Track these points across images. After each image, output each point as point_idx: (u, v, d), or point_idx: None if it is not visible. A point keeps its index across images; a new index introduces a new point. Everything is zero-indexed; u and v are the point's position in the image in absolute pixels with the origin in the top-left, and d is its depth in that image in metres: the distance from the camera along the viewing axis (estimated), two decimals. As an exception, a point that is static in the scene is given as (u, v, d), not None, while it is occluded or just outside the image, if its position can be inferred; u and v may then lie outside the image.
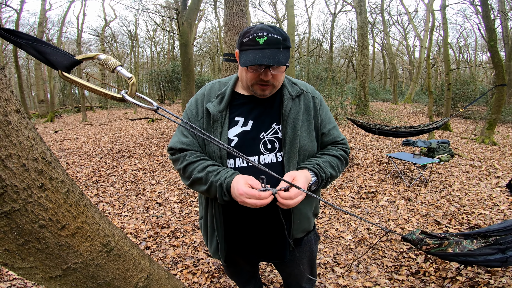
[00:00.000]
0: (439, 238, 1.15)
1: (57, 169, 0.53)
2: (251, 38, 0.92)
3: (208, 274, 2.26)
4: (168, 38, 27.57)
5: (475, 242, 1.28)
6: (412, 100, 17.77)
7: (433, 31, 10.58)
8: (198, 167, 1.01)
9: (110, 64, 0.58)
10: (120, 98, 0.55)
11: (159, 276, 0.77)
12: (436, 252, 1.15)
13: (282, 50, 0.93)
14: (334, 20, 21.25)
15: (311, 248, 1.29)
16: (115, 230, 0.64)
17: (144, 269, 0.70)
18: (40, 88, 15.66)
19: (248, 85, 1.02)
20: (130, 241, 0.69)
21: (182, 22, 8.44)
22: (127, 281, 0.64)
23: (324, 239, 2.73)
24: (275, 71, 0.97)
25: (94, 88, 0.54)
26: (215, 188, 0.96)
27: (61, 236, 0.51)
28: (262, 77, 0.96)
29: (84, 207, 0.55)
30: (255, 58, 0.90)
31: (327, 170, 1.06)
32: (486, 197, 3.70)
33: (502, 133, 8.80)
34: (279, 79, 1.01)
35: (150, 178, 4.57)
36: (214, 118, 1.04)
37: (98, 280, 0.58)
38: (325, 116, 1.17)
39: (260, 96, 1.04)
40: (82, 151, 6.58)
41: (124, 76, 0.58)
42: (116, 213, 3.38)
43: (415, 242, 1.12)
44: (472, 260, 1.23)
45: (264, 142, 1.05)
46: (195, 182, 1.02)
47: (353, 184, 4.21)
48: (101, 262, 0.57)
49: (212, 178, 0.97)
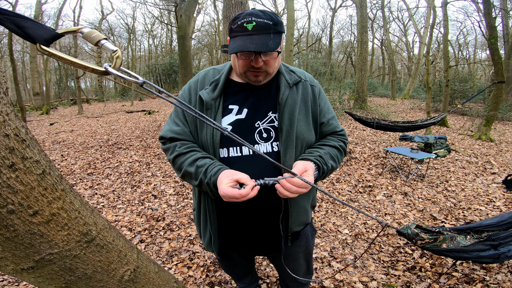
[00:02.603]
0: (434, 233, 1.12)
1: (32, 148, 0.48)
2: (240, 24, 0.87)
3: (203, 267, 2.23)
4: (166, 31, 27.23)
5: (468, 237, 1.25)
6: (410, 96, 17.80)
7: (433, 28, 10.53)
8: (187, 159, 0.97)
9: (94, 38, 0.52)
10: (102, 71, 0.50)
11: (147, 269, 0.73)
12: (431, 247, 1.12)
13: (272, 35, 0.88)
14: (334, 15, 21.06)
15: (307, 242, 1.26)
16: (98, 218, 0.59)
17: (131, 262, 0.65)
18: (35, 81, 15.44)
19: (240, 72, 0.97)
20: (115, 231, 0.64)
21: (180, 14, 8.32)
22: (111, 274, 0.59)
23: (321, 233, 2.71)
24: (266, 57, 0.92)
25: (73, 61, 0.49)
26: (205, 187, 0.93)
27: (33, 224, 0.46)
28: (253, 64, 0.91)
29: (62, 192, 0.50)
30: (242, 45, 0.86)
31: (328, 162, 1.02)
32: (482, 193, 3.70)
33: (498, 130, 8.82)
34: (272, 66, 0.96)
35: (146, 170, 4.52)
36: (207, 105, 1.00)
37: (77, 272, 0.53)
38: (324, 105, 1.12)
39: (254, 82, 0.99)
40: (77, 143, 6.49)
41: (109, 49, 0.53)
42: (111, 205, 3.33)
43: (410, 236, 1.10)
44: (465, 256, 1.21)
45: (260, 131, 1.01)
46: (185, 176, 0.99)
47: (350, 178, 4.19)
48: (80, 253, 0.52)
49: (201, 175, 0.93)
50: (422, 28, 18.22)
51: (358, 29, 11.86)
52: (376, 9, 21.66)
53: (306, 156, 1.01)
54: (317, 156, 1.00)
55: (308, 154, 1.01)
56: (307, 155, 1.01)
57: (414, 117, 10.97)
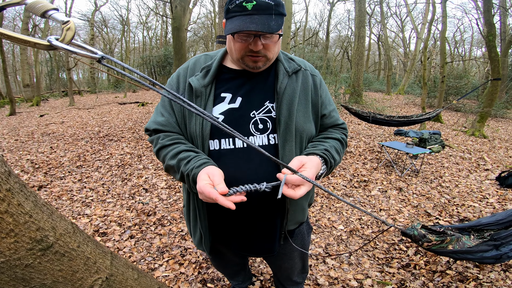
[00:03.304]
0: (440, 234, 1.07)
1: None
2: (238, 3, 0.79)
3: (195, 264, 2.16)
4: (161, 23, 26.69)
5: (472, 238, 1.21)
6: (405, 92, 17.86)
7: (432, 24, 10.48)
8: (170, 152, 0.89)
9: (39, 8, 0.43)
10: (46, 45, 0.41)
11: (124, 276, 0.65)
12: (437, 249, 1.07)
13: (274, 17, 0.79)
14: (332, 9, 20.86)
15: (303, 240, 1.19)
16: (58, 222, 0.51)
17: (102, 270, 0.57)
18: (25, 72, 15.05)
19: (237, 57, 0.88)
20: (81, 236, 0.56)
21: (175, 5, 8.09)
22: (77, 285, 0.51)
23: (316, 228, 2.67)
24: (266, 41, 0.83)
25: (11, 35, 0.40)
26: (184, 179, 0.85)
27: (-34, 231, 0.38)
28: (252, 47, 0.82)
29: (7, 192, 0.41)
30: (241, 25, 0.77)
31: (335, 155, 0.94)
32: (475, 190, 3.70)
33: (491, 127, 8.89)
34: (272, 50, 0.87)
35: (137, 162, 4.41)
36: (196, 93, 0.91)
37: (33, 283, 0.45)
38: (326, 96, 1.04)
39: (253, 69, 0.90)
40: (68, 135, 6.32)
41: (58, 20, 0.43)
42: (100, 199, 3.23)
43: (416, 238, 1.04)
44: (470, 257, 1.17)
45: (255, 121, 0.92)
46: (168, 169, 0.91)
47: (345, 172, 4.15)
48: (33, 263, 0.44)
49: (182, 167, 0.85)
50: (419, 24, 18.17)
51: (356, 23, 11.73)
52: (375, 4, 21.55)
53: (310, 150, 0.93)
54: (323, 150, 0.92)
55: (313, 148, 0.93)
56: (311, 149, 0.93)
57: (408, 112, 11.00)
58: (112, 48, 29.06)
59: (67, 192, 3.40)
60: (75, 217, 2.82)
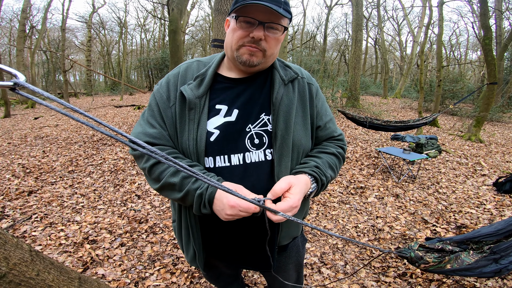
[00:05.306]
0: (438, 252, 1.02)
1: None
2: None
3: (187, 274, 2.11)
4: (159, 25, 26.69)
5: (471, 253, 1.16)
6: (401, 95, 17.95)
7: (428, 27, 10.55)
8: (170, 168, 0.81)
9: None
10: None
11: (95, 300, 0.60)
12: (434, 270, 1.03)
13: (282, 10, 0.77)
14: (330, 13, 20.99)
15: (298, 252, 1.15)
16: (13, 251, 0.46)
17: (67, 297, 0.53)
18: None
19: (235, 48, 0.83)
20: (43, 263, 0.51)
21: (172, 8, 8.07)
22: (36, 317, 0.47)
23: (311, 237, 2.61)
24: (269, 33, 0.80)
25: None
26: (193, 198, 0.79)
27: None
28: (253, 35, 0.78)
29: None
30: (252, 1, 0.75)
31: (327, 172, 0.89)
32: (472, 196, 3.67)
33: (488, 131, 8.92)
34: (272, 46, 0.83)
35: (131, 168, 4.34)
36: (190, 105, 0.84)
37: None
38: (322, 107, 0.99)
39: (247, 65, 0.84)
40: (61, 139, 6.23)
41: None
42: (91, 206, 3.16)
43: (413, 260, 0.99)
44: (468, 274, 1.12)
45: (251, 136, 0.86)
46: (165, 188, 0.83)
47: (341, 178, 4.11)
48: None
49: (189, 185, 0.78)
50: (416, 28, 18.33)
51: (353, 27, 11.79)
52: (372, 7, 21.72)
53: (300, 168, 0.88)
54: (312, 167, 0.87)
55: (304, 166, 0.88)
56: (301, 166, 0.88)
57: (405, 116, 11.03)
58: (109, 50, 28.99)
59: (57, 198, 3.32)
60: (65, 224, 2.75)
